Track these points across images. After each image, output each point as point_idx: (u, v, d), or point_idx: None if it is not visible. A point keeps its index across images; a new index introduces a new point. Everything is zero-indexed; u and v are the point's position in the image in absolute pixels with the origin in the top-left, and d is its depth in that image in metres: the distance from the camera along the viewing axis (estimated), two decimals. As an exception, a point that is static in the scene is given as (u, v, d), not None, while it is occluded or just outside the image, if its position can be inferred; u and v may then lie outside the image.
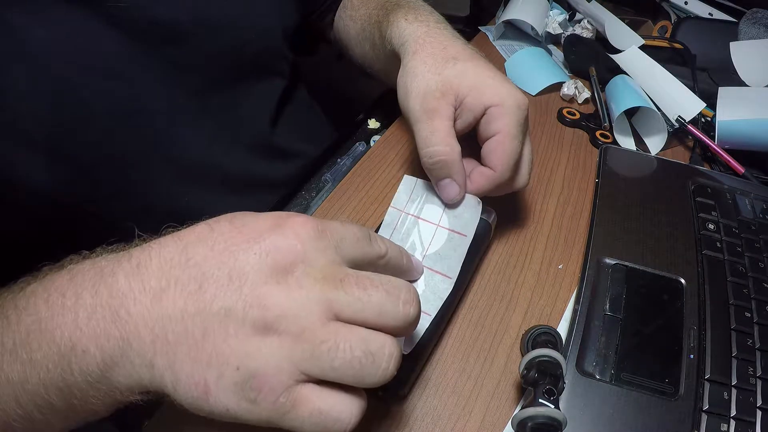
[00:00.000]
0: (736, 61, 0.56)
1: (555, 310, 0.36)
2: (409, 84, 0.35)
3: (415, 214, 0.34)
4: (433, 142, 0.33)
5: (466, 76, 0.34)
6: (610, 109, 0.53)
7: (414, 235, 0.34)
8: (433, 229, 0.34)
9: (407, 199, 0.35)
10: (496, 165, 0.33)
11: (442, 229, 0.34)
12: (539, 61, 0.60)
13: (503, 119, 0.33)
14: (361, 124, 0.53)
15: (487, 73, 0.34)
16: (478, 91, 0.33)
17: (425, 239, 0.33)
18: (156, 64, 0.38)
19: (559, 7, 0.68)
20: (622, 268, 0.37)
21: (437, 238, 0.33)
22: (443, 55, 0.35)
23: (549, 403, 0.26)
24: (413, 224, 0.34)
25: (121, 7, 0.35)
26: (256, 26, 0.44)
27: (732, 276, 0.37)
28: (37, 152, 0.35)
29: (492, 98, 0.33)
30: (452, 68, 0.34)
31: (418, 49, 0.36)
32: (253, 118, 0.48)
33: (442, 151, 0.33)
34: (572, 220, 0.43)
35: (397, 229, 0.34)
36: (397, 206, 0.35)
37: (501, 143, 0.33)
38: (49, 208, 0.37)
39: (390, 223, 0.35)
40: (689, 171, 0.47)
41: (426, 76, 0.34)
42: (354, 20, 0.51)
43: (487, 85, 0.33)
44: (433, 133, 0.33)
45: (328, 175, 0.46)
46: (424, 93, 0.34)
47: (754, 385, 0.31)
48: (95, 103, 0.36)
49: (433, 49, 0.36)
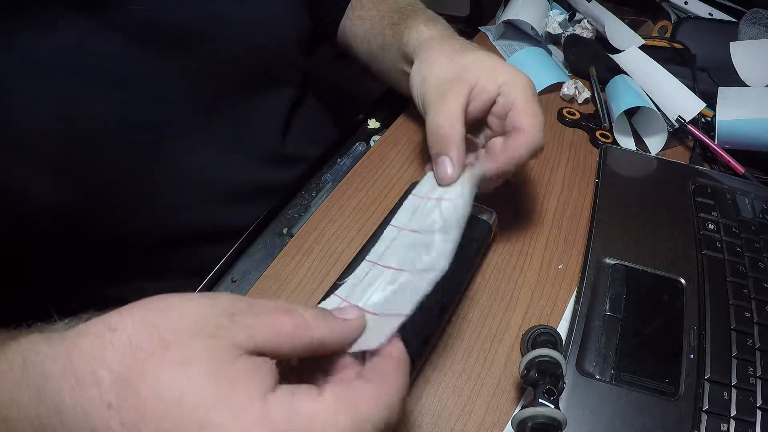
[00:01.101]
0: (736, 61, 0.56)
1: (555, 310, 0.36)
2: (426, 71, 0.37)
3: (436, 198, 0.33)
4: (438, 118, 0.35)
5: (481, 60, 0.37)
6: (610, 109, 0.53)
7: (435, 212, 0.32)
8: (452, 204, 0.32)
9: (431, 187, 0.34)
10: (526, 125, 0.34)
11: (447, 202, 0.32)
12: (539, 61, 0.60)
13: (519, 91, 0.35)
14: (361, 124, 0.53)
15: (499, 61, 0.37)
16: (491, 73, 0.36)
17: (446, 214, 0.31)
18: (166, 73, 0.37)
19: (559, 7, 0.68)
20: (622, 268, 0.37)
21: (453, 208, 0.32)
22: (459, 49, 0.38)
23: (549, 403, 0.26)
24: (434, 205, 0.33)
25: (129, 14, 0.34)
26: (268, 32, 0.43)
27: (732, 276, 0.37)
28: (43, 167, 0.34)
29: (504, 77, 0.36)
30: (468, 55, 0.37)
31: (435, 45, 0.39)
32: (263, 129, 0.48)
33: (443, 127, 0.34)
34: (572, 220, 0.43)
35: (420, 210, 0.33)
36: (418, 194, 0.34)
37: (524, 108, 0.35)
38: (54, 222, 0.37)
39: (408, 208, 0.34)
40: (689, 171, 0.47)
41: (443, 62, 0.37)
42: (363, 20, 0.51)
43: (499, 69, 0.36)
44: (440, 112, 0.35)
45: (328, 175, 0.46)
46: (441, 78, 0.36)
47: (754, 385, 0.31)
48: (102, 116, 0.35)
49: (450, 44, 0.39)
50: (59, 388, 0.18)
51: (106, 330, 0.19)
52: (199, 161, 0.42)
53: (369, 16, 0.50)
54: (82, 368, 0.18)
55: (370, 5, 0.51)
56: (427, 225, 0.31)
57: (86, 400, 0.18)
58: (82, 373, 0.18)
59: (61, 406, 0.18)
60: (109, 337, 0.19)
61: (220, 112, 0.42)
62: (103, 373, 0.18)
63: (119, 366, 0.18)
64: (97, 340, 0.19)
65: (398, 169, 0.46)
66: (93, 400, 0.18)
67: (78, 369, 0.18)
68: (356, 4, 0.52)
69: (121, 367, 0.18)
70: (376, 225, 0.36)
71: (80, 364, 0.19)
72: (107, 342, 0.19)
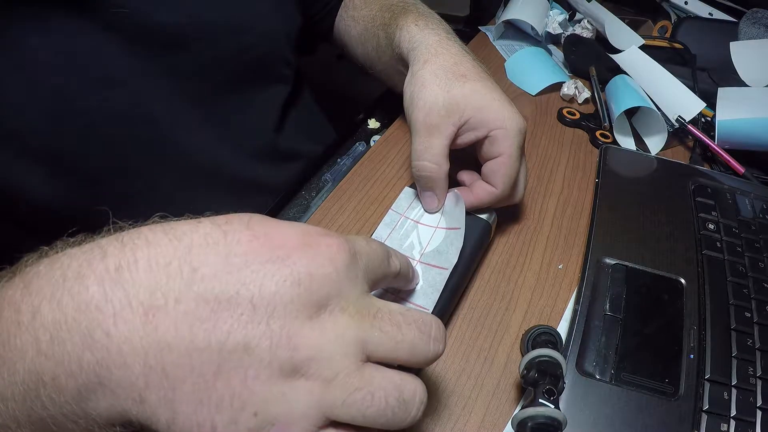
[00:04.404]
0: (736, 61, 0.56)
1: (555, 310, 0.36)
2: (416, 94, 0.35)
3: (414, 219, 0.36)
4: (424, 157, 0.35)
5: (474, 97, 0.34)
6: (610, 109, 0.53)
7: (413, 236, 0.35)
8: (431, 231, 0.35)
9: (407, 206, 0.37)
10: (498, 184, 0.35)
11: (440, 230, 0.35)
12: (539, 61, 0.60)
13: (506, 142, 0.34)
14: (361, 124, 0.53)
15: (493, 95, 0.35)
16: (483, 113, 0.34)
17: (423, 240, 0.35)
18: (158, 71, 0.38)
19: (559, 7, 0.68)
20: (622, 268, 0.37)
21: (435, 238, 0.35)
22: (454, 71, 0.36)
23: (549, 403, 0.26)
24: (412, 227, 0.36)
25: (121, 14, 0.34)
26: (258, 30, 0.44)
27: (732, 276, 0.37)
28: (37, 164, 0.34)
29: (495, 122, 0.34)
30: (461, 87, 0.35)
31: (429, 59, 0.37)
32: (257, 124, 0.48)
33: (430, 168, 0.35)
34: (572, 220, 0.43)
35: (396, 230, 0.35)
36: (397, 210, 0.37)
37: (503, 165, 0.35)
38: (49, 220, 0.37)
39: (389, 223, 0.36)
40: (689, 171, 0.47)
41: (434, 90, 0.35)
42: (356, 20, 0.51)
43: (492, 109, 0.34)
44: (426, 150, 0.35)
45: (328, 175, 0.46)
46: (430, 107, 0.34)
47: (754, 385, 0.31)
48: (95, 113, 0.35)
49: (445, 62, 0.36)
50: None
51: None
52: (193, 157, 0.42)
53: (361, 17, 0.50)
54: None
55: (361, 5, 0.51)
56: (404, 247, 0.34)
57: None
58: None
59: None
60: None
61: (212, 108, 0.43)
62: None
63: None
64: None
65: (398, 169, 0.46)
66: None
67: None
68: (349, 4, 0.52)
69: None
70: (376, 225, 0.36)
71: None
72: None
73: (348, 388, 0.18)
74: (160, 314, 0.17)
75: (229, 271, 0.18)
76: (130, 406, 0.17)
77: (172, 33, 0.37)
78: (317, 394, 0.18)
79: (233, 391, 0.17)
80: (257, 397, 0.17)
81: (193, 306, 0.17)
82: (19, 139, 0.33)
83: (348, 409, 0.18)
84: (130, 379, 0.17)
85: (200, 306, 0.17)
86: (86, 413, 0.17)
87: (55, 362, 0.17)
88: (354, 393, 0.18)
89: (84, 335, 0.17)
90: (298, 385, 0.18)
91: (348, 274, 0.20)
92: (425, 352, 0.21)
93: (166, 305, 0.17)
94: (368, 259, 0.22)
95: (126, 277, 0.17)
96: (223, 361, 0.17)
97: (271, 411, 0.18)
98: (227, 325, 0.17)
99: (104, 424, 0.18)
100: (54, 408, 0.17)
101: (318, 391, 0.18)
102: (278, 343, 0.18)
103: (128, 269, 0.17)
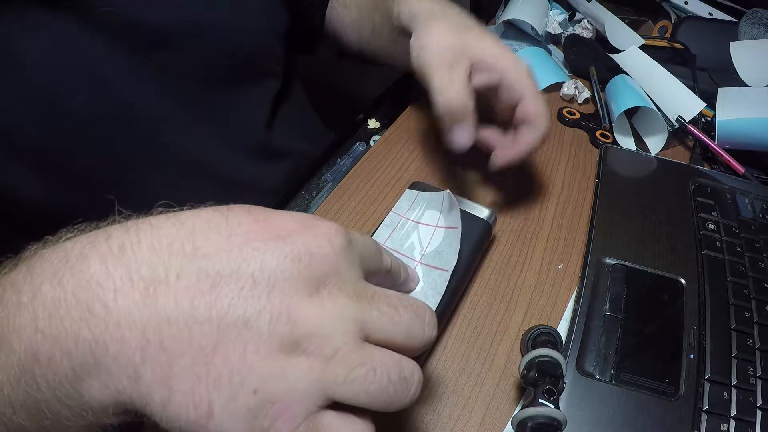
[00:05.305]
0: (736, 61, 0.56)
1: (555, 310, 0.36)
2: (426, 40, 0.36)
3: (415, 220, 0.36)
4: (448, 90, 0.34)
5: (481, 40, 0.36)
6: (610, 109, 0.53)
7: (413, 237, 0.35)
8: (431, 231, 0.35)
9: (408, 207, 0.37)
10: (540, 121, 0.37)
11: (440, 229, 0.35)
12: (539, 61, 0.60)
13: (523, 82, 0.36)
14: (361, 124, 0.53)
15: (497, 43, 0.37)
16: (492, 57, 0.36)
17: (424, 240, 0.35)
18: (145, 70, 0.38)
19: (559, 7, 0.68)
20: (622, 268, 0.37)
21: (435, 238, 0.34)
22: (458, 25, 0.37)
23: (549, 403, 0.26)
24: (413, 228, 0.36)
25: (108, 13, 0.34)
26: (244, 28, 0.43)
27: (732, 276, 0.37)
28: (27, 165, 0.34)
29: (506, 66, 0.36)
30: (470, 32, 0.37)
31: (435, 17, 0.38)
32: (248, 120, 0.48)
33: (456, 98, 0.34)
34: (572, 220, 0.43)
35: (397, 231, 0.35)
36: (398, 212, 0.37)
37: (534, 101, 0.36)
38: (41, 220, 0.37)
39: (390, 224, 0.36)
40: (689, 171, 0.47)
41: (444, 33, 0.36)
42: (347, 7, 0.51)
43: (500, 55, 0.36)
44: (450, 82, 0.35)
45: (328, 175, 0.46)
46: (444, 47, 0.35)
47: (754, 385, 0.31)
48: (84, 113, 0.35)
49: (450, 20, 0.38)
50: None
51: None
52: (183, 155, 0.42)
53: (354, 3, 0.50)
54: None
55: None
56: (405, 248, 0.34)
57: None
58: None
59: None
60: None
61: (201, 105, 0.42)
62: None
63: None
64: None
65: (398, 169, 0.46)
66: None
67: None
68: None
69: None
70: (376, 225, 0.36)
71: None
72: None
73: (350, 364, 0.18)
74: (161, 288, 0.17)
75: (230, 249, 0.18)
76: (125, 386, 0.17)
77: (159, 31, 0.37)
78: (318, 371, 0.18)
79: (232, 367, 0.17)
80: (256, 374, 0.17)
81: (194, 280, 0.17)
82: (9, 140, 0.33)
83: (350, 386, 0.18)
84: (127, 354, 0.17)
85: (201, 280, 0.17)
86: (80, 395, 0.17)
87: (52, 340, 0.16)
88: (356, 369, 0.18)
89: (83, 309, 0.17)
90: (298, 362, 0.18)
91: (346, 256, 0.20)
92: (420, 335, 0.21)
93: (167, 279, 0.17)
94: (363, 248, 0.22)
95: (129, 255, 0.17)
96: (222, 335, 0.17)
97: (271, 388, 0.17)
98: (228, 299, 0.17)
99: (98, 410, 0.17)
100: (48, 390, 0.17)
101: (319, 367, 0.18)
102: (278, 318, 0.18)
103: (131, 248, 0.18)
